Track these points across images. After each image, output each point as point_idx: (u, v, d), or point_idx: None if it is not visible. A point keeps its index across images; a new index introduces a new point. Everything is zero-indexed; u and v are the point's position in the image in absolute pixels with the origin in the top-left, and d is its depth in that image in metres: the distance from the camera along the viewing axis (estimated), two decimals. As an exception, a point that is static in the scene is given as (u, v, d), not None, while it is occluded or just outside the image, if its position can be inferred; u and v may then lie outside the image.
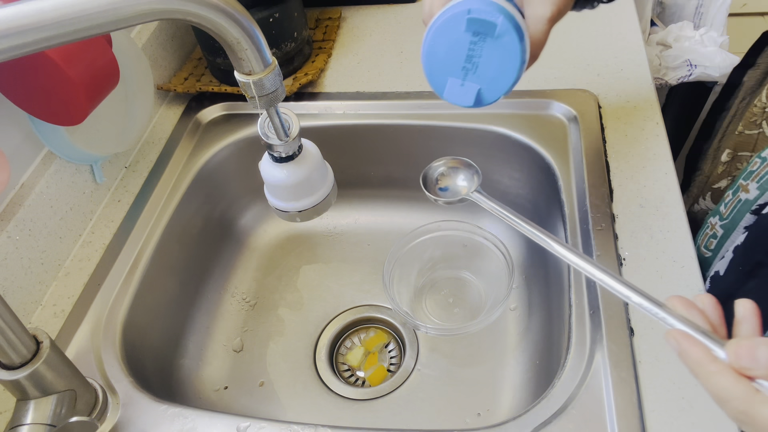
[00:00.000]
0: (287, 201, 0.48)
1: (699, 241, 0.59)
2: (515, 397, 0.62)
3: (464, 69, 0.39)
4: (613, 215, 0.56)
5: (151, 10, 0.29)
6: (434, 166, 0.51)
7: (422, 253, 0.72)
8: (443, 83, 0.40)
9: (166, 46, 0.78)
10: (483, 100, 0.39)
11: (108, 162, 0.67)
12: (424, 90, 0.73)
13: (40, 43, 0.27)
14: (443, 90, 0.40)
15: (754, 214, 0.51)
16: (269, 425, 0.47)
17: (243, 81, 0.36)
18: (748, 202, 0.52)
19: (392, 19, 0.86)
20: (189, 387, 0.64)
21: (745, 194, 0.53)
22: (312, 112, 0.73)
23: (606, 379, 0.45)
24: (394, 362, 0.69)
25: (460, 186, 0.50)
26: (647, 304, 0.34)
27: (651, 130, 0.63)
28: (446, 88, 0.40)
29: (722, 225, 0.55)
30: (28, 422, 0.41)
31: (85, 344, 0.54)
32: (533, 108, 0.69)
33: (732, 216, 0.54)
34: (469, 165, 0.50)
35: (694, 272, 0.50)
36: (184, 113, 0.76)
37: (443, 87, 0.40)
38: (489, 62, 0.38)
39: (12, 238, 0.54)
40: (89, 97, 0.52)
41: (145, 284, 0.60)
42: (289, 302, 0.75)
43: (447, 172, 0.50)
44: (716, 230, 0.56)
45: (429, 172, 0.50)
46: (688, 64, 0.94)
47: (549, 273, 0.64)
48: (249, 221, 0.80)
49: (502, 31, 0.36)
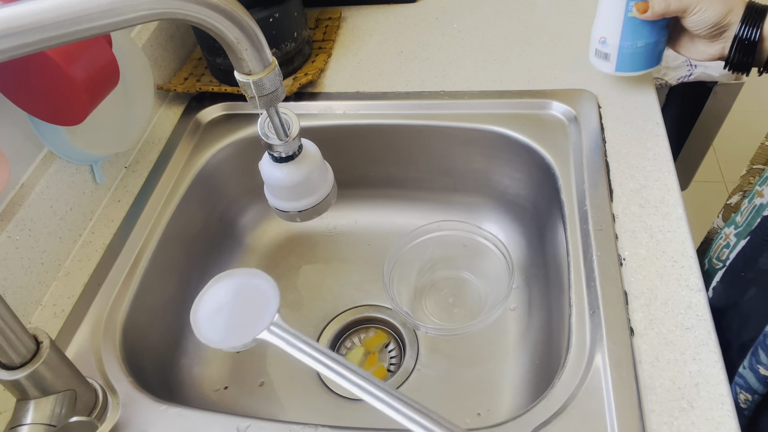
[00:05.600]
0: (287, 201, 0.48)
1: (711, 253, 0.59)
2: (515, 397, 0.62)
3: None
4: (613, 215, 0.56)
5: (151, 10, 0.29)
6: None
7: (422, 253, 0.72)
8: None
9: (166, 46, 0.78)
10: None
11: (108, 162, 0.67)
12: (424, 90, 0.73)
13: (40, 43, 0.27)
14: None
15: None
16: (269, 425, 0.47)
17: (243, 81, 0.36)
18: (762, 206, 0.52)
19: (392, 19, 0.86)
20: (189, 387, 0.64)
21: (760, 199, 0.53)
22: (312, 112, 0.73)
23: (606, 379, 0.45)
24: (394, 362, 0.69)
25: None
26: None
27: (651, 130, 0.63)
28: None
29: (736, 233, 0.55)
30: (28, 422, 0.41)
31: (85, 344, 0.54)
32: (533, 108, 0.69)
33: (747, 222, 0.54)
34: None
35: (695, 272, 0.50)
36: (184, 113, 0.76)
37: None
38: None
39: (12, 238, 0.54)
40: (89, 97, 0.52)
41: (145, 284, 0.60)
42: (289, 302, 0.75)
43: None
44: (729, 240, 0.56)
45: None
46: (688, 64, 0.94)
47: (549, 273, 0.64)
48: (249, 221, 0.80)
49: None
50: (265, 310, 0.35)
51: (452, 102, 0.71)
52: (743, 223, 0.55)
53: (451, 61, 0.77)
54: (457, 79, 0.74)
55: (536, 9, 0.83)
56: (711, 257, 0.59)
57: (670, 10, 0.56)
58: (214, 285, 0.36)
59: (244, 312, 0.35)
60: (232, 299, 0.36)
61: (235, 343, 0.34)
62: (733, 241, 0.55)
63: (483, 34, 0.80)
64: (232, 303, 0.36)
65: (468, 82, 0.73)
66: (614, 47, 0.63)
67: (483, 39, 0.80)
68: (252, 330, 0.34)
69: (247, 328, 0.34)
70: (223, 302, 0.36)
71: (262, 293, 0.36)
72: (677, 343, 0.46)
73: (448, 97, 0.71)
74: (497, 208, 0.77)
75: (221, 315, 0.35)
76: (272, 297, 0.35)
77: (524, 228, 0.74)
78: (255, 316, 0.34)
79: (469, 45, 0.79)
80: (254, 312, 0.35)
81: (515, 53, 0.76)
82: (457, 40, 0.80)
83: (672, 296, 0.49)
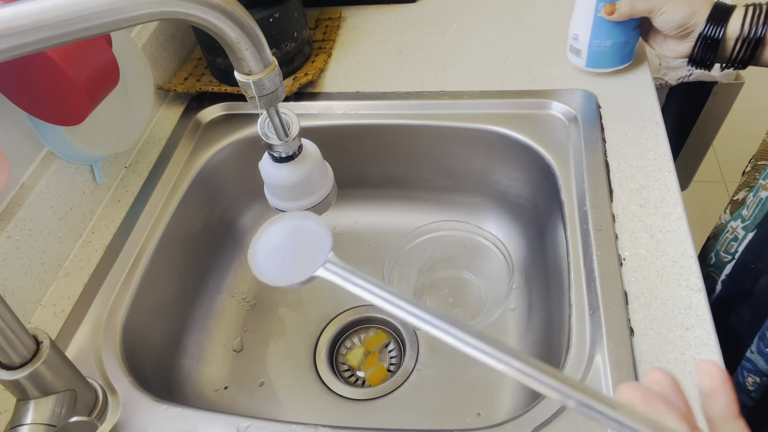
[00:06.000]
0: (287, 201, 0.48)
1: (718, 247, 0.59)
2: (515, 397, 0.62)
3: None
4: (613, 215, 0.56)
5: (151, 10, 0.29)
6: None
7: (422, 253, 0.72)
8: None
9: (166, 46, 0.78)
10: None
11: (108, 162, 0.67)
12: (424, 90, 0.73)
13: (40, 43, 0.27)
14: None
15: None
16: (269, 425, 0.47)
17: (243, 81, 0.36)
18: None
19: (392, 19, 0.86)
20: (189, 387, 0.64)
21: (765, 192, 0.53)
22: (312, 112, 0.73)
23: (606, 379, 0.45)
24: (394, 362, 0.69)
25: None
26: (598, 406, 0.25)
27: (651, 130, 0.63)
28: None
29: (744, 227, 0.55)
30: (28, 422, 0.41)
31: (85, 344, 0.54)
32: (533, 108, 0.69)
33: (754, 216, 0.54)
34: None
35: (695, 272, 0.50)
36: (184, 113, 0.76)
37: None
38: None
39: (12, 238, 0.54)
40: (89, 97, 0.52)
41: (145, 284, 0.60)
42: (289, 302, 0.75)
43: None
44: (737, 233, 0.56)
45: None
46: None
47: (549, 273, 0.64)
48: (249, 221, 0.80)
49: None
50: (318, 250, 0.36)
51: (452, 102, 0.71)
52: (750, 217, 0.55)
53: (451, 61, 0.77)
54: (457, 79, 0.74)
55: (536, 9, 0.83)
56: (718, 250, 0.59)
57: (636, 12, 0.59)
58: (268, 228, 0.38)
59: (299, 251, 0.37)
60: (287, 240, 0.38)
61: (294, 280, 0.35)
62: (741, 234, 0.55)
63: (483, 34, 0.80)
64: (287, 244, 0.37)
65: (468, 82, 0.73)
66: (585, 44, 0.67)
67: (483, 39, 0.80)
68: (308, 268, 0.35)
69: (303, 266, 0.36)
70: (279, 243, 0.37)
71: (313, 233, 0.37)
72: (677, 343, 0.46)
73: (448, 97, 0.71)
74: (497, 208, 0.77)
75: (278, 255, 0.37)
76: (324, 236, 0.37)
77: (524, 228, 0.74)
78: (309, 255, 0.36)
79: (469, 45, 0.79)
80: (308, 251, 0.36)
81: (515, 53, 0.76)
82: (457, 40, 0.80)
83: (672, 296, 0.49)
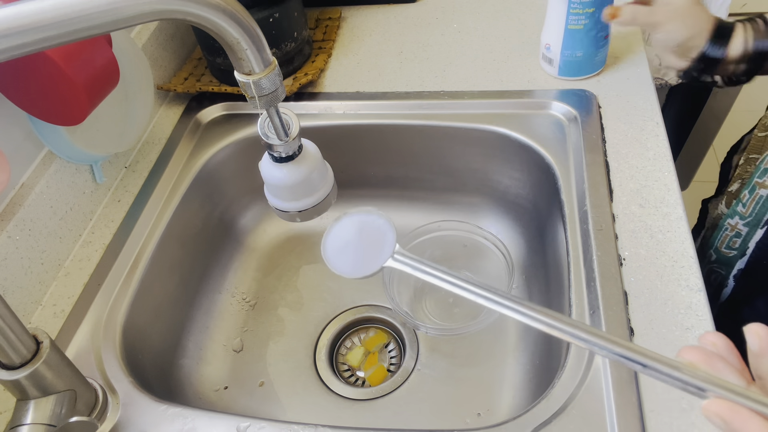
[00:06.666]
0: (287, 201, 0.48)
1: (717, 243, 0.59)
2: (515, 397, 0.62)
3: None
4: (613, 215, 0.56)
5: (151, 10, 0.29)
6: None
7: (422, 253, 0.72)
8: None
9: (166, 46, 0.78)
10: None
11: (108, 162, 0.67)
12: (424, 90, 0.73)
13: (40, 43, 0.27)
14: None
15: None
16: (269, 425, 0.47)
17: (243, 81, 0.36)
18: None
19: (392, 19, 0.86)
20: (189, 387, 0.64)
21: (765, 190, 0.53)
22: (312, 112, 0.73)
23: (606, 379, 0.45)
24: (394, 362, 0.69)
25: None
26: (663, 368, 0.28)
27: (651, 130, 0.63)
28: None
29: (745, 223, 0.55)
30: (28, 422, 0.41)
31: (85, 344, 0.54)
32: (533, 108, 0.69)
33: (755, 213, 0.54)
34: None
35: (695, 272, 0.50)
36: (184, 113, 0.76)
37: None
38: None
39: (12, 238, 0.54)
40: (89, 97, 0.52)
41: (145, 284, 0.60)
42: (289, 302, 0.75)
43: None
44: (739, 229, 0.56)
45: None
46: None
47: (549, 273, 0.64)
48: (249, 221, 0.80)
49: None
50: (384, 242, 0.39)
51: (452, 102, 0.71)
52: (750, 214, 0.55)
53: (451, 61, 0.77)
54: (457, 79, 0.74)
55: (536, 9, 0.83)
56: (718, 246, 0.59)
57: (638, 23, 0.59)
58: (336, 225, 0.41)
59: (367, 245, 0.40)
60: (355, 236, 0.41)
61: (367, 272, 0.39)
62: (744, 231, 0.55)
63: (483, 34, 0.80)
64: (355, 239, 0.41)
65: (468, 82, 0.73)
66: (557, 54, 0.69)
67: (483, 39, 0.80)
68: (379, 259, 0.39)
69: (374, 259, 0.39)
70: (348, 239, 0.41)
71: (378, 227, 0.40)
72: (677, 343, 0.46)
73: (448, 97, 0.71)
74: (497, 208, 0.77)
75: (348, 249, 0.40)
76: (388, 230, 0.40)
77: (524, 228, 0.74)
78: (378, 248, 0.39)
79: (469, 45, 0.79)
80: (376, 244, 0.40)
81: (515, 53, 0.76)
82: (457, 40, 0.80)
83: (672, 296, 0.49)
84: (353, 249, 0.40)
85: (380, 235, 0.40)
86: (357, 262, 0.40)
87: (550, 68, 0.71)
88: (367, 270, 0.39)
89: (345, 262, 0.40)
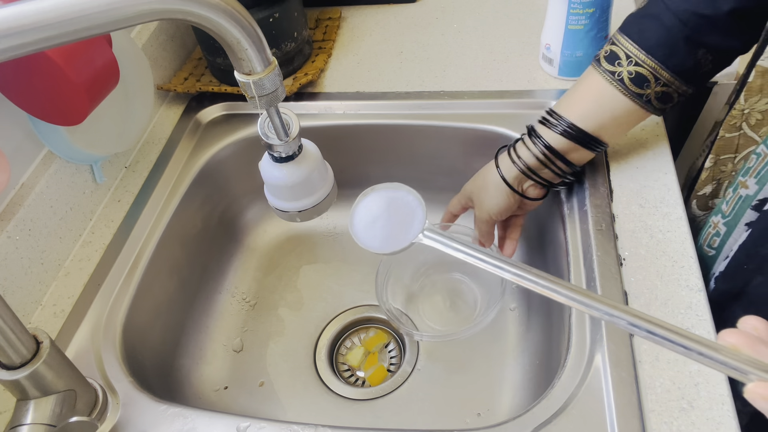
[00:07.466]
0: (287, 201, 0.48)
1: (701, 241, 0.60)
2: (515, 397, 0.62)
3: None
4: (613, 215, 0.56)
5: (151, 10, 0.29)
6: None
7: (422, 252, 0.72)
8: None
9: (166, 46, 0.78)
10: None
11: (108, 162, 0.67)
12: (424, 90, 0.73)
13: (40, 43, 0.27)
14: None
15: (755, 210, 0.51)
16: (269, 425, 0.47)
17: (243, 81, 0.36)
18: (748, 197, 0.52)
19: (392, 19, 0.86)
20: (189, 387, 0.64)
21: (745, 190, 0.53)
22: (312, 112, 0.73)
23: (606, 379, 0.45)
24: (394, 362, 0.69)
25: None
26: (706, 351, 0.28)
27: (651, 130, 0.63)
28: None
29: (725, 222, 0.56)
30: (28, 422, 0.41)
31: (85, 344, 0.54)
32: (533, 108, 0.69)
33: (734, 213, 0.54)
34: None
35: (694, 272, 0.50)
36: (184, 113, 0.76)
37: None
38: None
39: (12, 238, 0.54)
40: (89, 97, 0.52)
41: (145, 284, 0.60)
42: (289, 302, 0.75)
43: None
44: (719, 228, 0.56)
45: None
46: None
47: (549, 273, 0.64)
48: (249, 221, 0.80)
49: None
50: (414, 218, 0.38)
51: (452, 102, 0.71)
52: (730, 213, 0.55)
53: (451, 61, 0.77)
54: (457, 79, 0.74)
55: (536, 9, 0.83)
56: (702, 244, 0.59)
57: (457, 212, 0.63)
58: (363, 199, 0.40)
59: (396, 221, 0.39)
60: (384, 211, 0.40)
61: (395, 247, 0.38)
62: (723, 230, 0.55)
63: (483, 34, 0.80)
64: (384, 214, 0.39)
65: (468, 82, 0.73)
66: (557, 54, 0.69)
67: (483, 39, 0.80)
68: (408, 235, 0.37)
69: (403, 234, 0.38)
70: (376, 213, 0.40)
71: (407, 203, 0.39)
72: (677, 343, 0.46)
73: (448, 97, 0.71)
74: (497, 208, 0.76)
75: (377, 225, 0.39)
76: (418, 206, 0.39)
77: (524, 228, 0.74)
78: (407, 224, 0.38)
79: (469, 45, 0.79)
80: (405, 220, 0.38)
81: (515, 53, 0.76)
82: (457, 40, 0.80)
83: (672, 296, 0.49)
84: (382, 224, 0.39)
85: (410, 211, 0.39)
86: (386, 238, 0.39)
87: (550, 68, 0.71)
88: (396, 245, 0.38)
89: (374, 237, 0.39)
